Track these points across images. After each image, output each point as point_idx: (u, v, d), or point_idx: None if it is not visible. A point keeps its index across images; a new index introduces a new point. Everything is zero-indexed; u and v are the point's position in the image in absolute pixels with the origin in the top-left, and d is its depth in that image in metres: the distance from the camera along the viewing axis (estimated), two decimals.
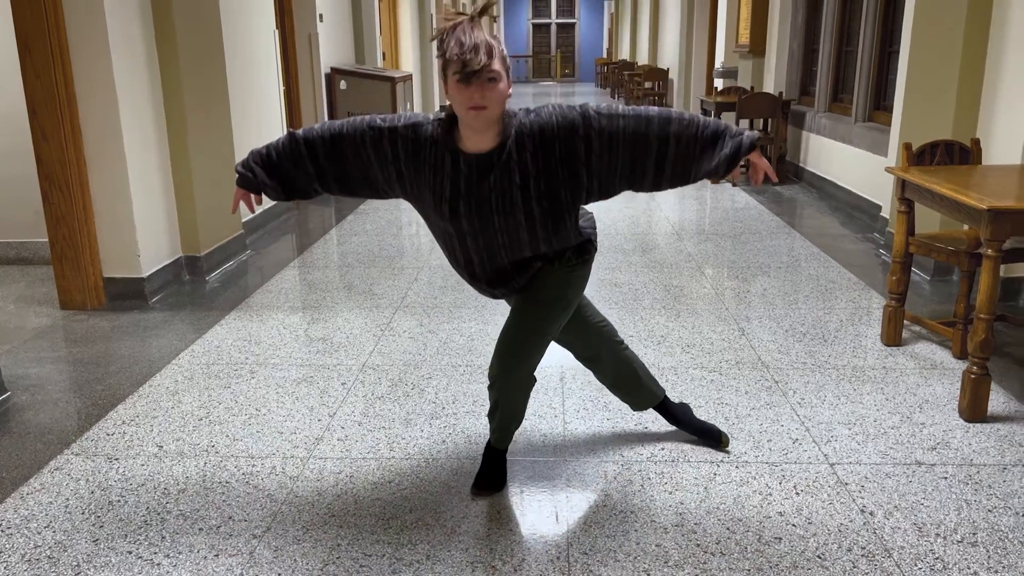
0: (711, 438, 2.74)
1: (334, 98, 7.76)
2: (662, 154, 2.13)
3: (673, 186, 2.20)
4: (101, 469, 2.67)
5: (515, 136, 2.10)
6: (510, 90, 2.09)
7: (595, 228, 2.40)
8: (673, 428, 2.85)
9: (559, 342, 2.63)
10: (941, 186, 3.04)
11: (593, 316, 2.62)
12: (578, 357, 2.68)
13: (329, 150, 2.22)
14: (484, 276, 2.30)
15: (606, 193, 2.20)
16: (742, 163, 2.18)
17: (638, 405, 2.76)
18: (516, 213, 2.14)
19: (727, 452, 2.71)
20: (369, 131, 2.18)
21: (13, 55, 4.33)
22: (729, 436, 2.78)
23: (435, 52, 2.08)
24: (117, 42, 4.11)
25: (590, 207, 2.47)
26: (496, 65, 2.01)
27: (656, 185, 2.18)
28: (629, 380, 2.69)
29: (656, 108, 2.16)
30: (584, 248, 2.32)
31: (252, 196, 2.30)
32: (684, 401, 3.04)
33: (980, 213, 2.78)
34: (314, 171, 2.26)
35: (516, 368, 2.33)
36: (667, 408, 2.79)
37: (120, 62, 4.14)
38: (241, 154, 5.72)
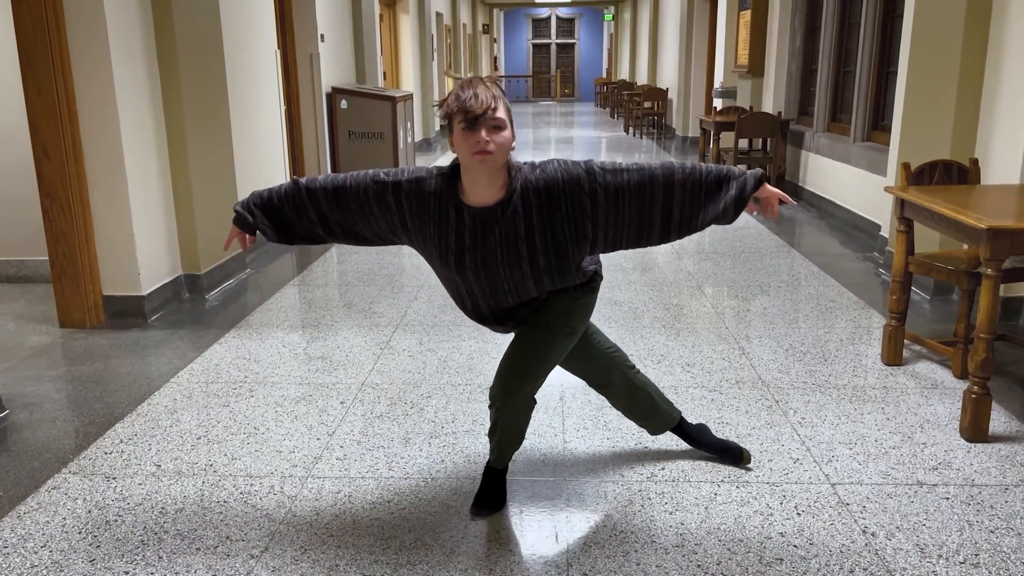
0: (732, 456, 2.74)
1: (335, 117, 7.79)
2: (668, 203, 2.15)
3: (680, 236, 2.22)
4: (99, 488, 2.65)
5: (520, 190, 2.13)
6: (514, 141, 2.12)
7: (599, 260, 2.42)
8: (673, 448, 2.84)
9: (570, 370, 2.65)
10: (940, 206, 3.04)
11: (602, 343, 2.62)
12: (591, 384, 2.70)
13: (331, 200, 2.25)
14: (491, 316, 2.34)
15: (613, 246, 2.22)
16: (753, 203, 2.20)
17: (655, 429, 2.76)
18: (522, 265, 2.17)
19: (747, 468, 2.70)
20: (373, 185, 2.21)
21: (15, 72, 4.35)
22: (749, 453, 2.77)
23: (438, 115, 2.16)
24: (119, 60, 4.13)
25: None
26: (500, 112, 2.05)
27: (664, 236, 2.20)
28: (643, 405, 2.68)
29: (659, 162, 2.19)
30: (590, 277, 2.34)
31: (247, 236, 2.32)
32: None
33: (979, 233, 2.79)
34: (317, 218, 2.28)
35: (517, 391, 2.32)
36: (685, 430, 2.79)
37: (122, 80, 4.16)
38: (241, 172, 5.74)
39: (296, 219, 2.29)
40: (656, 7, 16.66)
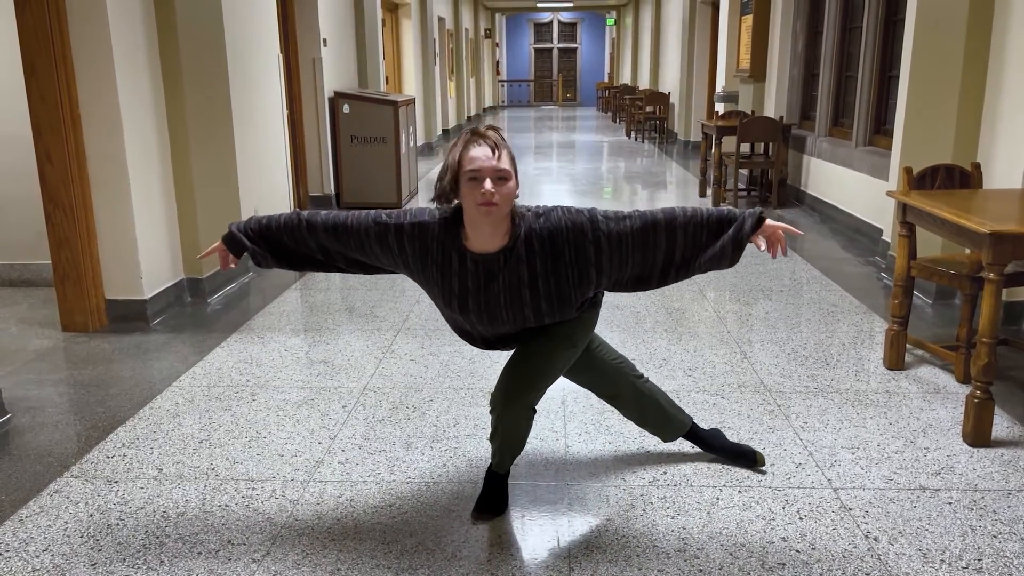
0: (747, 459, 2.75)
1: (337, 122, 7.80)
2: (671, 247, 2.19)
3: (679, 278, 2.25)
4: (100, 492, 2.65)
5: (524, 237, 2.15)
6: (519, 190, 2.15)
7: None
8: (675, 452, 2.83)
9: (578, 383, 2.66)
10: (942, 210, 3.04)
11: (608, 355, 2.63)
12: (599, 396, 2.71)
13: (332, 236, 2.27)
14: (495, 343, 2.40)
15: (614, 287, 2.27)
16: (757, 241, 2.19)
17: (667, 436, 2.77)
18: (524, 309, 2.21)
19: (762, 472, 2.71)
20: (374, 226, 2.23)
21: (18, 77, 4.36)
22: (763, 455, 2.78)
23: (436, 194, 2.17)
24: (122, 65, 4.14)
25: None
26: (505, 164, 2.07)
27: (663, 279, 2.24)
28: (653, 414, 2.69)
29: (660, 208, 2.22)
30: (595, 298, 2.38)
31: (230, 256, 2.33)
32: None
33: (982, 237, 2.78)
34: (317, 248, 2.30)
35: (516, 401, 2.33)
36: (698, 435, 2.79)
37: (125, 85, 4.17)
38: (244, 176, 5.75)
39: (294, 247, 2.31)
40: (658, 11, 16.69)
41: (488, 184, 2.03)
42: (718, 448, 2.78)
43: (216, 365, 3.76)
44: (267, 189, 6.40)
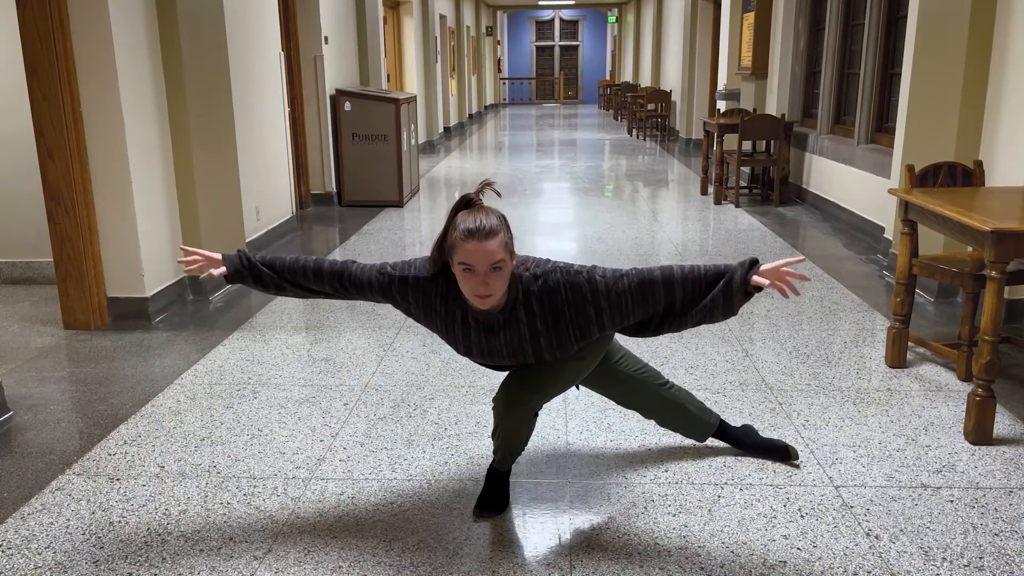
0: (780, 455, 2.76)
1: (339, 120, 7.81)
2: (670, 300, 2.20)
3: (672, 330, 2.26)
4: (102, 489, 2.66)
5: (522, 299, 2.17)
6: (514, 260, 2.15)
7: None
8: (676, 449, 2.84)
9: (602, 394, 2.68)
10: (944, 208, 3.04)
11: (630, 366, 2.63)
12: (624, 406, 2.72)
13: (336, 281, 2.33)
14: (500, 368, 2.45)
15: (615, 332, 2.32)
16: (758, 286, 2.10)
17: (695, 437, 2.79)
18: (527, 357, 2.26)
19: (796, 466, 2.71)
20: (378, 276, 2.28)
21: (20, 76, 4.36)
22: (796, 449, 2.79)
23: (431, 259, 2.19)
24: (123, 63, 4.14)
25: None
26: (499, 252, 2.05)
27: (658, 329, 2.26)
28: (678, 418, 2.71)
29: (658, 266, 2.24)
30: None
31: (214, 271, 2.35)
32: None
33: (984, 235, 2.78)
34: (316, 287, 2.35)
35: (518, 406, 2.33)
36: (728, 433, 2.81)
37: (126, 83, 4.17)
38: (245, 174, 5.76)
39: (295, 280, 2.36)
40: (660, 9, 16.67)
41: (482, 279, 2.05)
42: (749, 445, 2.79)
43: (218, 363, 3.76)
44: (269, 186, 6.41)
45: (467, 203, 2.12)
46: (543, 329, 2.19)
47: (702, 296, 2.18)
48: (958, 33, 4.47)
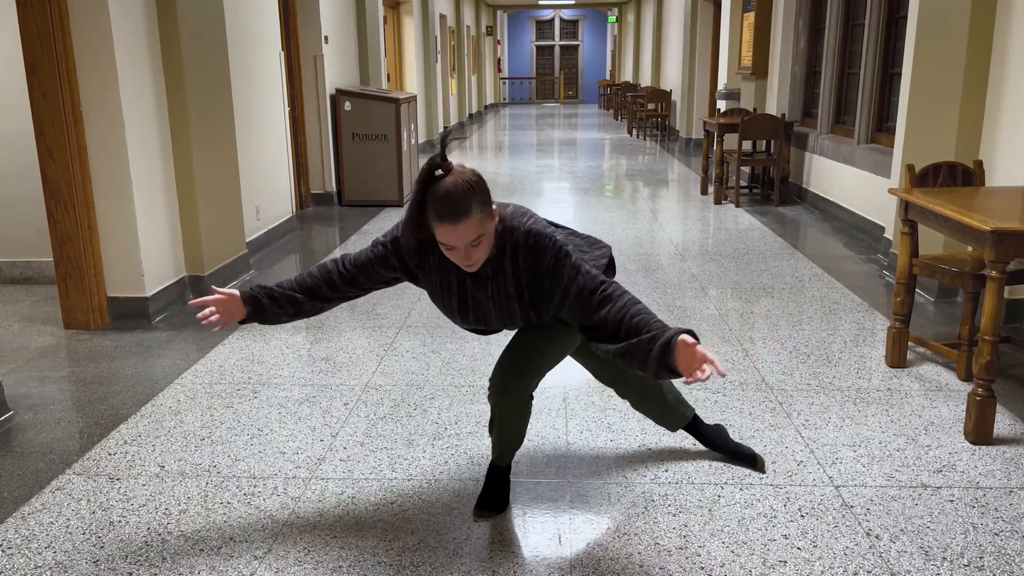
0: (747, 461, 2.74)
1: (339, 119, 7.80)
2: (608, 338, 2.07)
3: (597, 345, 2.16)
4: (102, 489, 2.66)
5: (510, 251, 2.12)
6: (496, 219, 2.09)
7: (610, 261, 2.40)
8: (677, 449, 2.84)
9: (581, 364, 2.65)
10: (945, 208, 3.04)
11: None
12: (601, 380, 2.69)
13: (339, 270, 2.31)
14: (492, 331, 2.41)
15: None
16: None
17: (667, 425, 2.76)
18: (514, 317, 2.23)
19: (763, 474, 2.69)
20: (372, 250, 2.26)
21: (20, 75, 4.36)
22: (764, 460, 2.76)
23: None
24: (123, 62, 4.14)
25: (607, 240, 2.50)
26: (475, 228, 1.98)
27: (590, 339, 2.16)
28: (653, 403, 2.68)
29: (625, 304, 2.06)
30: None
31: (234, 317, 2.26)
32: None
33: (984, 235, 2.78)
34: (327, 289, 2.31)
35: (512, 386, 2.33)
36: (699, 430, 2.79)
37: (126, 82, 4.17)
38: (245, 174, 5.75)
39: (303, 287, 2.31)
40: (660, 9, 16.66)
41: (463, 254, 2.02)
42: (719, 445, 2.78)
43: (218, 362, 3.76)
44: (269, 186, 6.41)
45: (433, 171, 1.98)
46: (526, 284, 2.14)
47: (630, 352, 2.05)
48: (958, 33, 4.47)
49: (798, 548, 2.29)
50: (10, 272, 5.21)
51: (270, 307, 2.27)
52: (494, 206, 2.07)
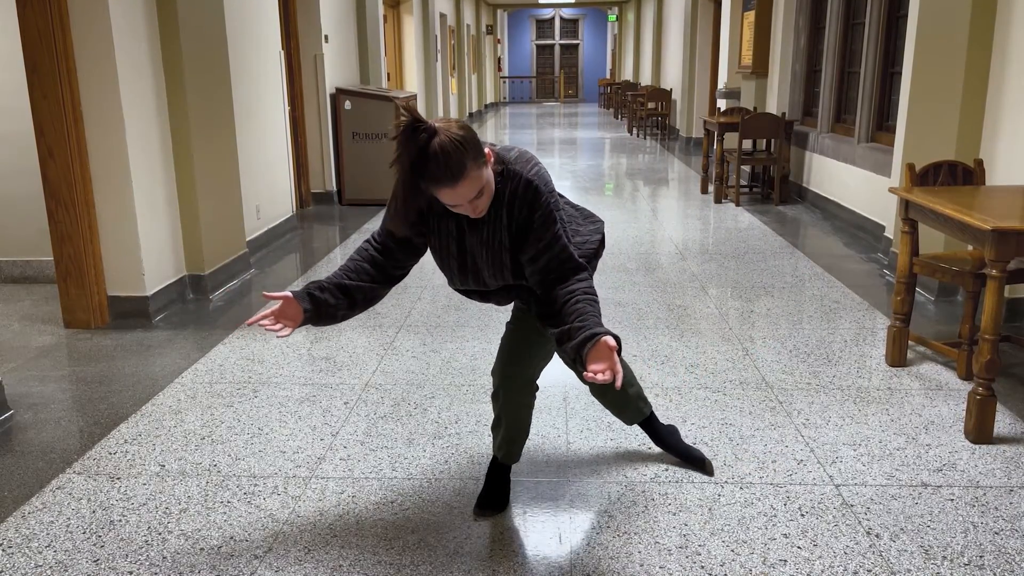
0: (696, 463, 2.73)
1: (339, 118, 7.80)
2: (549, 306, 2.08)
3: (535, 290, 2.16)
4: (103, 488, 2.66)
5: (507, 198, 2.08)
6: (493, 165, 2.05)
7: (601, 237, 2.37)
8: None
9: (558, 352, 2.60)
10: (945, 207, 3.04)
11: None
12: (564, 361, 2.64)
13: (384, 242, 2.21)
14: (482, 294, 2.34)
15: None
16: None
17: (625, 419, 2.74)
18: (504, 273, 2.16)
19: (711, 476, 2.68)
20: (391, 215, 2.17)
21: (20, 75, 4.36)
22: (713, 464, 2.74)
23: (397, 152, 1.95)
24: (124, 62, 4.14)
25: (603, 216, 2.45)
26: (473, 186, 1.92)
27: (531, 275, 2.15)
28: (615, 392, 2.65)
29: (582, 289, 2.06)
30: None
31: (294, 323, 2.11)
32: (682, 421, 3.03)
33: (985, 234, 2.78)
34: (373, 271, 2.22)
35: (517, 376, 2.34)
36: (654, 428, 2.78)
37: (126, 81, 4.17)
38: (246, 173, 5.75)
39: (352, 272, 2.21)
40: (660, 8, 16.66)
41: (469, 208, 1.98)
42: (671, 445, 2.76)
43: (218, 362, 3.76)
44: (269, 185, 6.41)
45: (418, 135, 1.85)
46: (515, 234, 2.09)
47: (560, 323, 2.06)
48: (959, 32, 4.47)
49: (798, 547, 2.29)
50: (10, 271, 5.21)
51: (323, 300, 2.15)
52: (488, 150, 2.01)
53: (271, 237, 6.29)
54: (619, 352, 1.88)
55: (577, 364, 1.98)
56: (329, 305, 2.15)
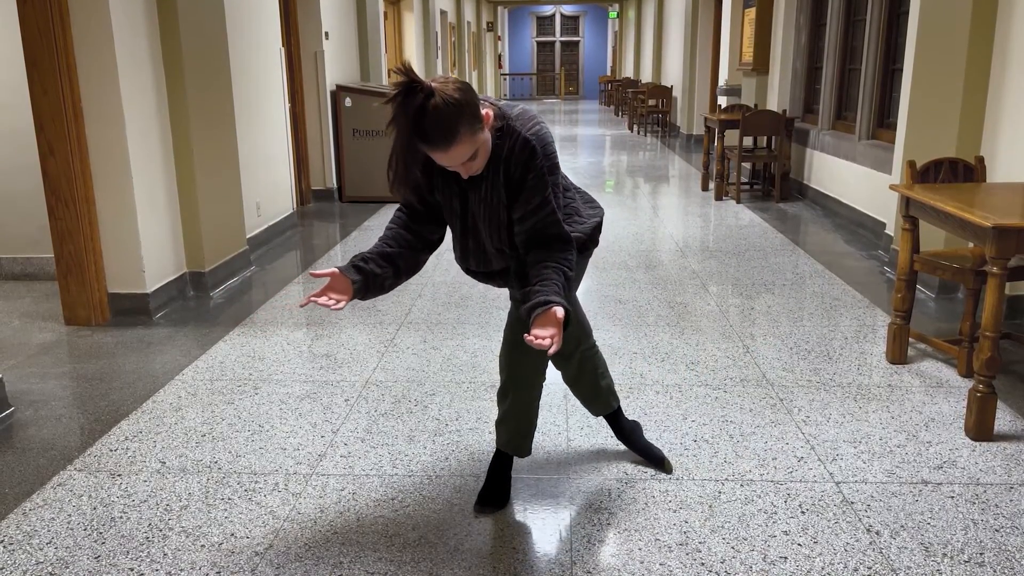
0: (654, 461, 2.73)
1: (339, 115, 7.79)
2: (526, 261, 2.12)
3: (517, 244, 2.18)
4: (104, 485, 2.66)
5: (505, 155, 2.08)
6: (492, 124, 2.05)
7: (598, 223, 2.36)
8: (677, 446, 2.83)
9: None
10: (946, 204, 3.04)
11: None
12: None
13: (408, 216, 2.24)
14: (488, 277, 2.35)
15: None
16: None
17: (593, 410, 2.74)
18: (502, 235, 2.18)
19: (669, 474, 2.68)
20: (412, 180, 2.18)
21: (20, 71, 4.36)
22: (672, 463, 2.74)
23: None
24: (124, 58, 4.14)
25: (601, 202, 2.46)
26: (466, 149, 1.93)
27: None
28: (585, 383, 2.65)
29: (563, 252, 2.10)
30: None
31: (348, 296, 2.08)
32: (682, 419, 3.03)
33: (985, 231, 2.78)
34: (412, 237, 2.24)
35: (524, 363, 2.35)
36: (618, 423, 2.78)
37: (127, 78, 4.17)
38: (246, 170, 5.75)
39: (392, 240, 2.23)
40: (661, 5, 16.64)
41: (463, 170, 2.01)
42: (632, 441, 2.77)
43: (219, 359, 3.76)
44: (269, 182, 6.41)
45: (413, 96, 1.87)
46: (511, 189, 2.10)
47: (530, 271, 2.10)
48: (960, 29, 4.47)
49: (798, 544, 2.29)
50: (11, 268, 5.21)
51: (370, 271, 2.14)
52: (489, 109, 2.02)
53: (271, 234, 6.28)
54: (566, 326, 1.93)
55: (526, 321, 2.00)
56: (376, 275, 2.16)
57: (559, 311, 1.91)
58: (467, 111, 1.91)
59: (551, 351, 1.86)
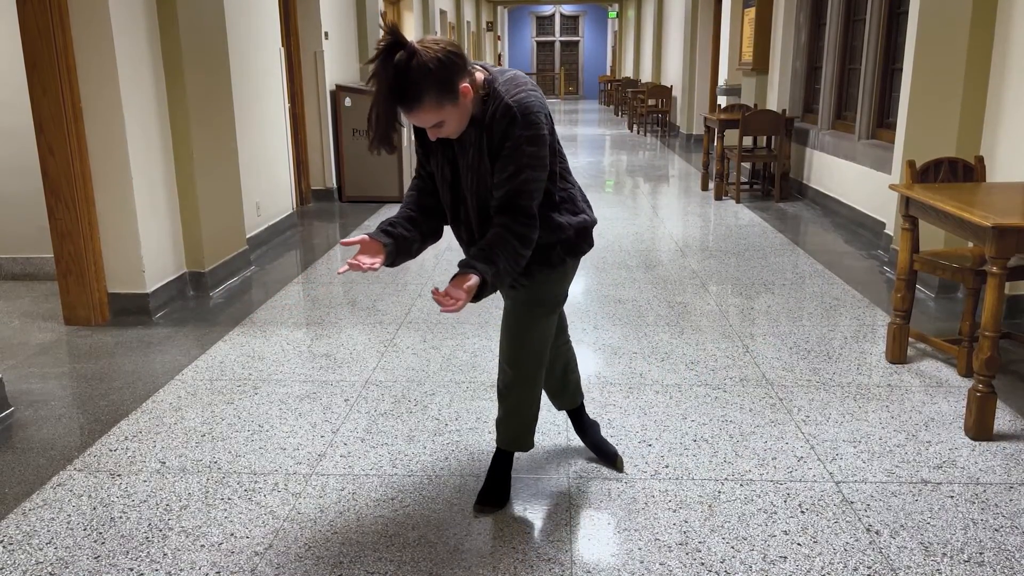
0: (607, 458, 2.74)
1: (339, 115, 7.80)
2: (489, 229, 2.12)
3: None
4: (103, 485, 2.66)
5: (487, 122, 2.07)
6: (477, 90, 2.05)
7: (586, 221, 2.32)
8: (677, 446, 2.84)
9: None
10: (945, 203, 3.04)
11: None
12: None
13: (422, 180, 2.34)
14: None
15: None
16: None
17: (558, 404, 2.75)
18: (488, 199, 2.16)
19: (621, 472, 2.69)
20: (418, 149, 2.31)
21: (20, 71, 4.36)
22: (623, 460, 2.75)
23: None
24: (124, 59, 4.14)
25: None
26: (431, 115, 1.94)
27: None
28: (554, 378, 2.67)
29: (522, 224, 2.09)
30: (549, 258, 2.26)
31: (378, 259, 2.08)
32: (682, 418, 3.03)
33: (985, 231, 2.78)
34: (427, 201, 2.31)
35: (526, 362, 2.36)
36: (579, 418, 2.79)
37: (126, 78, 4.17)
38: (246, 170, 5.75)
39: (414, 204, 2.31)
40: (660, 4, 16.64)
41: (431, 133, 2.03)
42: (589, 437, 2.78)
43: (218, 359, 3.77)
44: (269, 182, 6.41)
45: (392, 51, 1.87)
46: (490, 154, 2.09)
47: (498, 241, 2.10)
48: (959, 28, 4.46)
49: (798, 544, 2.29)
50: (11, 268, 5.21)
51: (399, 235, 2.17)
52: (480, 74, 2.03)
53: (271, 234, 6.28)
54: (476, 298, 1.98)
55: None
56: (405, 238, 2.20)
57: (474, 279, 1.95)
58: (438, 78, 1.90)
59: (441, 311, 1.90)
